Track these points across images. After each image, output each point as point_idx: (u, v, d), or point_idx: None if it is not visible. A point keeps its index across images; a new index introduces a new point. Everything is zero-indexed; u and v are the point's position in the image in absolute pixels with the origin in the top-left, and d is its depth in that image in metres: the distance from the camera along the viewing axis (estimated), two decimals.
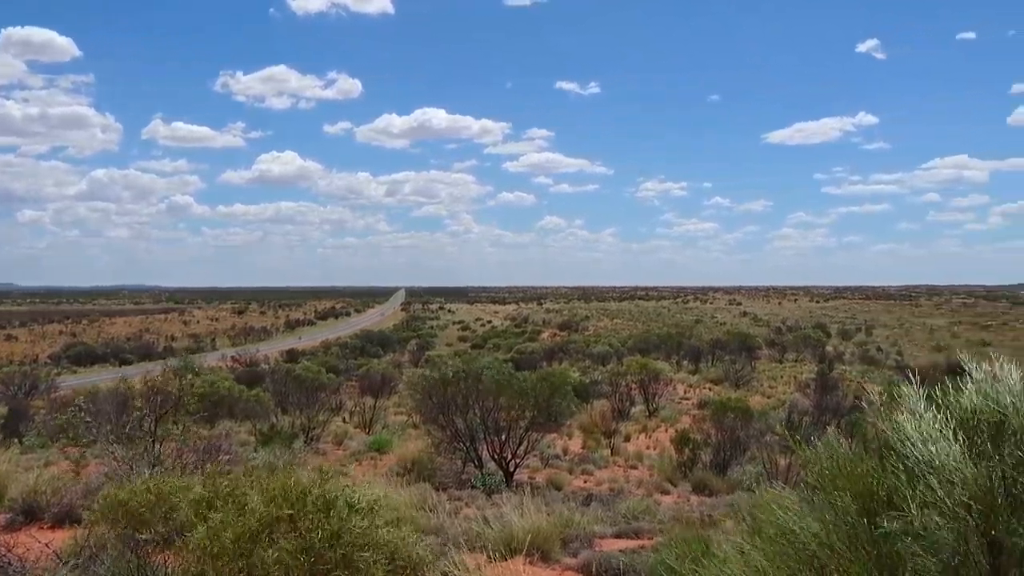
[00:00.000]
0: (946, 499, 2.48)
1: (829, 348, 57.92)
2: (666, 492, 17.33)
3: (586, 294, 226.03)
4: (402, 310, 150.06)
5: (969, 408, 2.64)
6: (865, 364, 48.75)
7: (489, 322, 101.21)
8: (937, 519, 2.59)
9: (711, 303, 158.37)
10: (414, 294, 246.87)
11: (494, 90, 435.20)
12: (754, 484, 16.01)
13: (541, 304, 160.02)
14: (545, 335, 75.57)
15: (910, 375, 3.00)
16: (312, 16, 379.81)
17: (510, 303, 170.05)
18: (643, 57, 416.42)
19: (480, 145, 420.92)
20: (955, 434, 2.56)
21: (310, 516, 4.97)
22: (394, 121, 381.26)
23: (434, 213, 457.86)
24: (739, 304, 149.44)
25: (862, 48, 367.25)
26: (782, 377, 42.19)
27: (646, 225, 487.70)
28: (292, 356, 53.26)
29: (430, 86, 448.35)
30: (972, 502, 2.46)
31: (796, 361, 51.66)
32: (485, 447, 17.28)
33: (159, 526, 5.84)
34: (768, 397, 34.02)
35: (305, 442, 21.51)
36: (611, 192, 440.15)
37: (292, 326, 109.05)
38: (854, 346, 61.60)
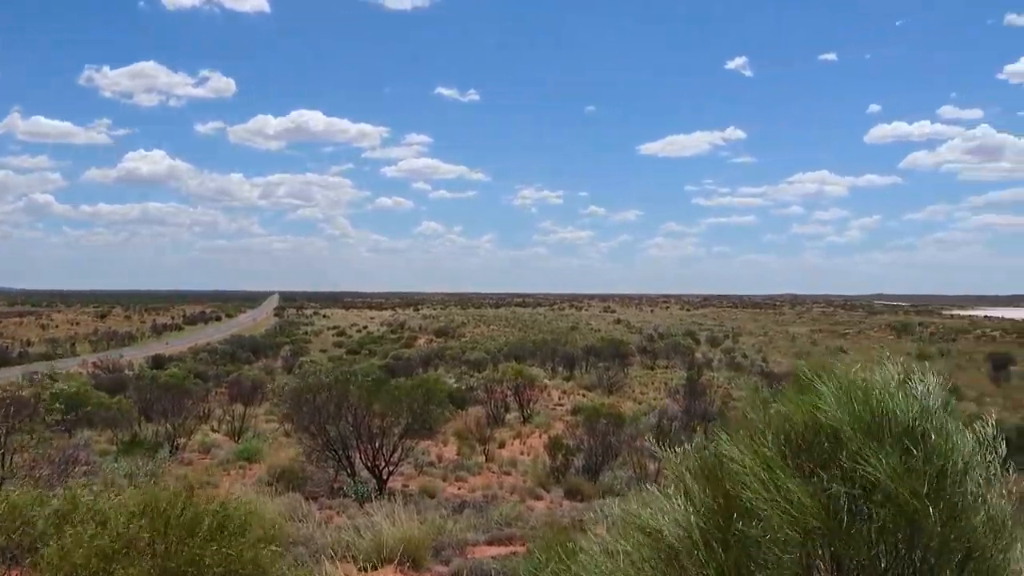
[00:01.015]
0: (786, 512, 2.57)
1: (698, 355, 59.64)
2: (539, 498, 17.48)
3: (463, 300, 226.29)
4: (275, 315, 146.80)
5: (808, 420, 2.75)
6: (732, 370, 50.40)
7: (365, 328, 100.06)
8: (783, 529, 2.69)
9: (586, 310, 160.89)
10: (288, 299, 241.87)
11: (373, 94, 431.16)
12: (625, 488, 16.39)
13: (418, 310, 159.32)
14: (421, 341, 75.28)
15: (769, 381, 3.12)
16: (184, 11, 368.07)
17: (387, 309, 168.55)
18: (522, 66, 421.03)
19: (358, 149, 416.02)
20: (785, 450, 2.67)
21: (173, 536, 4.79)
22: (269, 122, 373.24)
23: (310, 217, 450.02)
24: (613, 311, 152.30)
25: (731, 65, 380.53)
26: (653, 383, 43.18)
27: (524, 232, 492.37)
28: (158, 362, 51.42)
29: (307, 88, 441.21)
30: (811, 518, 2.56)
31: (667, 367, 52.95)
32: (358, 455, 17.04)
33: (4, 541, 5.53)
34: (639, 403, 34.74)
35: (170, 452, 20.79)
36: (489, 199, 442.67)
37: (159, 331, 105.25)
38: (722, 353, 63.59)
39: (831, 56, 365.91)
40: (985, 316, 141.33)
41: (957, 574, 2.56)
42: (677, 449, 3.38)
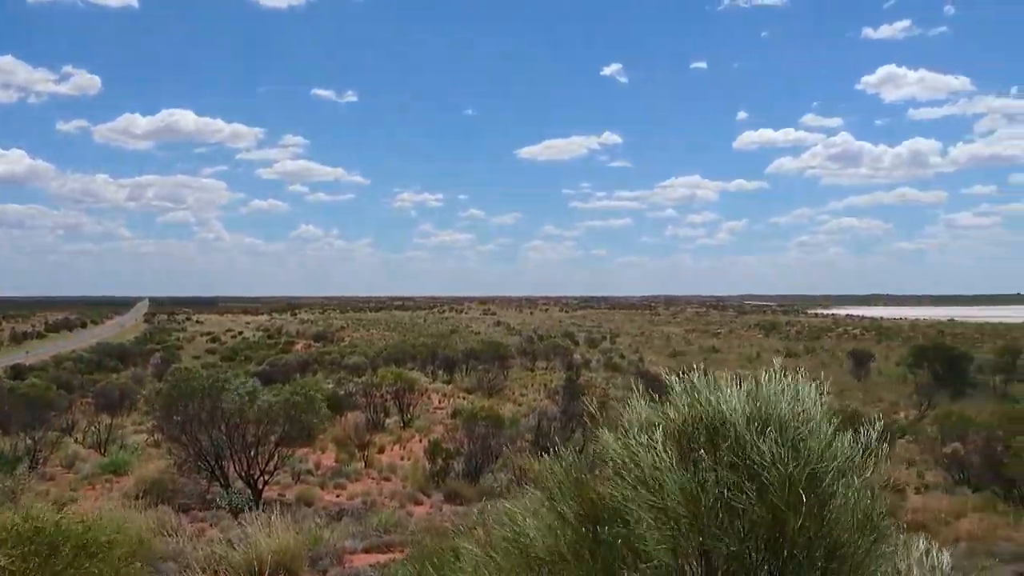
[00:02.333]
0: (657, 508, 2.60)
1: (577, 356, 60.43)
2: (419, 503, 17.38)
3: (342, 304, 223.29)
4: (145, 321, 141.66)
5: (683, 417, 2.79)
6: (609, 371, 51.25)
7: (240, 333, 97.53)
8: (653, 528, 2.71)
9: (466, 313, 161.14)
10: (159, 304, 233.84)
11: (247, 94, 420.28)
12: (504, 491, 16.45)
13: (295, 315, 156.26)
14: (299, 346, 73.86)
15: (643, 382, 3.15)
16: (45, 4, 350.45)
17: (262, 314, 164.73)
18: (401, 68, 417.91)
19: (232, 150, 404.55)
20: (665, 444, 2.70)
21: (32, 561, 4.52)
22: (137, 121, 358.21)
23: (181, 219, 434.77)
24: (493, 314, 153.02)
25: (607, 71, 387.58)
26: (533, 384, 43.54)
27: (403, 235, 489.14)
28: (18, 372, 48.81)
29: (177, 86, 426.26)
30: (682, 511, 2.59)
31: (546, 369, 53.49)
32: (232, 465, 16.56)
33: None
34: (519, 404, 34.95)
35: (30, 466, 19.74)
36: (368, 202, 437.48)
37: (19, 339, 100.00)
38: (599, 353, 64.63)
39: (702, 65, 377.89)
40: (846, 315, 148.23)
41: (823, 567, 2.63)
42: (546, 455, 3.38)
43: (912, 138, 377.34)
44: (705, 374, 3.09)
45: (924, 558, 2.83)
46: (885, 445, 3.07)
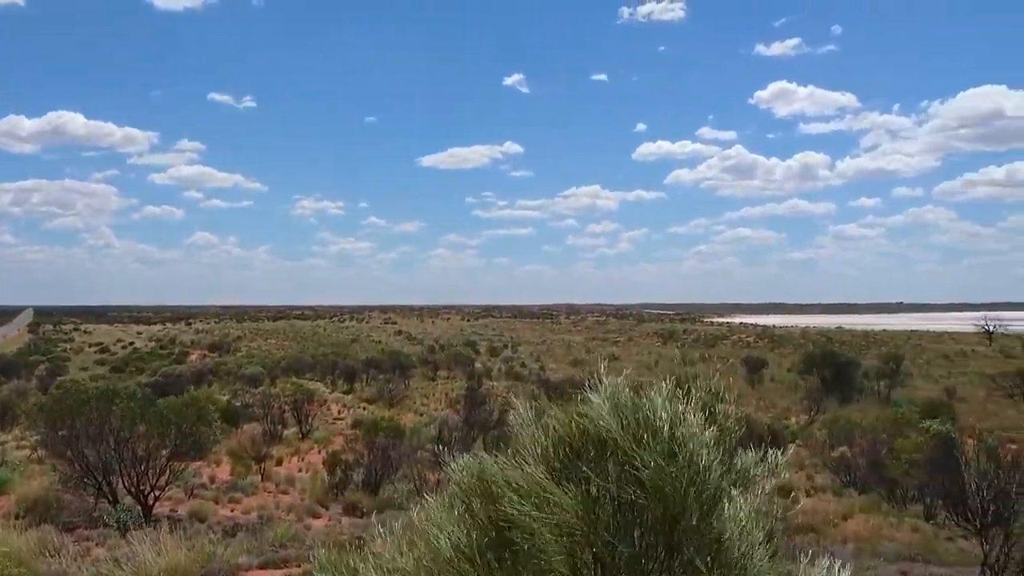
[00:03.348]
0: (550, 523, 2.60)
1: (478, 365, 60.46)
2: (317, 515, 17.11)
3: (239, 313, 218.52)
4: (29, 331, 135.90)
5: (569, 428, 2.81)
6: (511, 379, 51.42)
7: (131, 344, 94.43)
8: (548, 536, 2.71)
9: (367, 322, 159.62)
10: (44, 314, 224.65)
11: (140, 97, 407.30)
12: (405, 502, 16.33)
13: (190, 324, 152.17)
14: (194, 357, 71.95)
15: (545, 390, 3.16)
16: None
17: (156, 323, 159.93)
18: (301, 74, 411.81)
19: (124, 155, 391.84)
20: (555, 454, 2.72)
21: None
22: (22, 123, 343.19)
23: (69, 226, 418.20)
24: (394, 323, 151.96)
25: (509, 81, 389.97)
26: (435, 394, 43.36)
27: (302, 243, 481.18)
28: None
29: (66, 88, 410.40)
30: (575, 520, 2.61)
31: (448, 378, 53.35)
32: (121, 480, 15.99)
33: None
34: (421, 414, 34.79)
35: None
36: (266, 209, 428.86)
37: None
38: (501, 362, 64.80)
39: (602, 77, 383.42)
40: (741, 323, 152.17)
41: (707, 572, 2.67)
42: (451, 464, 3.37)
43: (802, 152, 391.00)
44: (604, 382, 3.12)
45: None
46: (774, 450, 3.14)
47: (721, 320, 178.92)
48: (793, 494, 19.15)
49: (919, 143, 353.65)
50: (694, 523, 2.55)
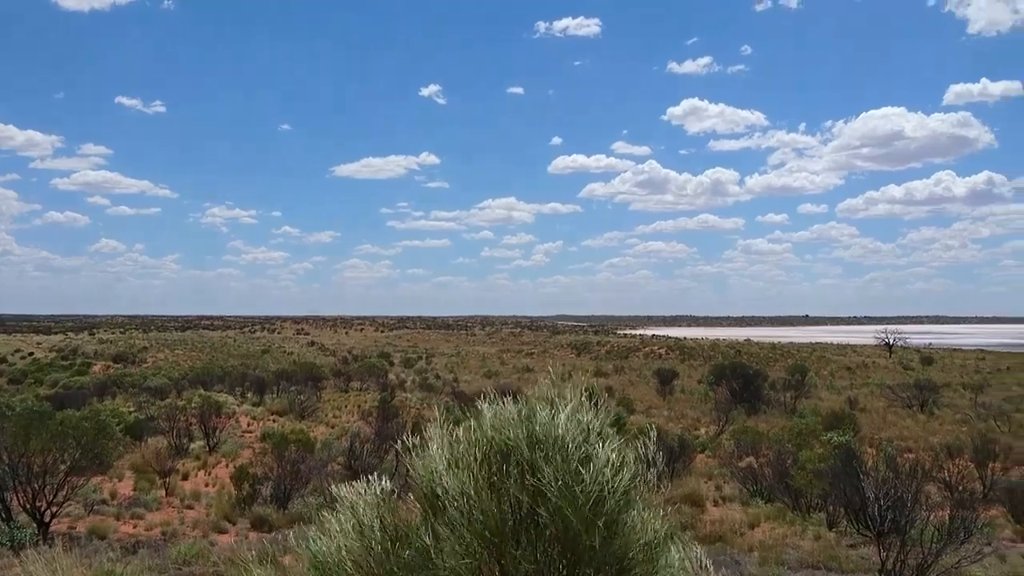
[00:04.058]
0: (461, 530, 2.58)
1: (392, 376, 60.02)
2: (223, 531, 16.72)
3: (145, 323, 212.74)
4: None
5: (479, 439, 2.79)
6: (425, 391, 51.17)
7: (31, 354, 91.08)
8: (456, 549, 2.69)
9: (279, 333, 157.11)
10: None
11: (43, 99, 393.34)
12: (315, 516, 16.06)
13: (93, 334, 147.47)
14: (97, 368, 69.75)
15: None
16: None
17: (57, 333, 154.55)
18: (212, 79, 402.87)
19: (25, 158, 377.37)
20: (466, 470, 2.70)
21: None
22: None
23: None
24: (307, 334, 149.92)
25: (425, 92, 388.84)
26: (347, 406, 42.86)
27: (213, 252, 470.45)
28: None
29: None
30: (486, 532, 2.59)
31: (361, 390, 52.82)
32: (15, 497, 15.36)
33: None
34: (333, 427, 34.35)
35: None
36: (175, 216, 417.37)
37: None
38: (415, 374, 64.48)
39: (519, 90, 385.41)
40: (653, 335, 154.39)
41: None
42: (354, 481, 3.33)
43: (713, 168, 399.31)
44: (515, 397, 3.11)
45: None
46: (682, 460, 3.17)
47: (634, 332, 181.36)
48: (702, 503, 19.49)
49: (823, 161, 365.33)
50: (596, 539, 2.55)
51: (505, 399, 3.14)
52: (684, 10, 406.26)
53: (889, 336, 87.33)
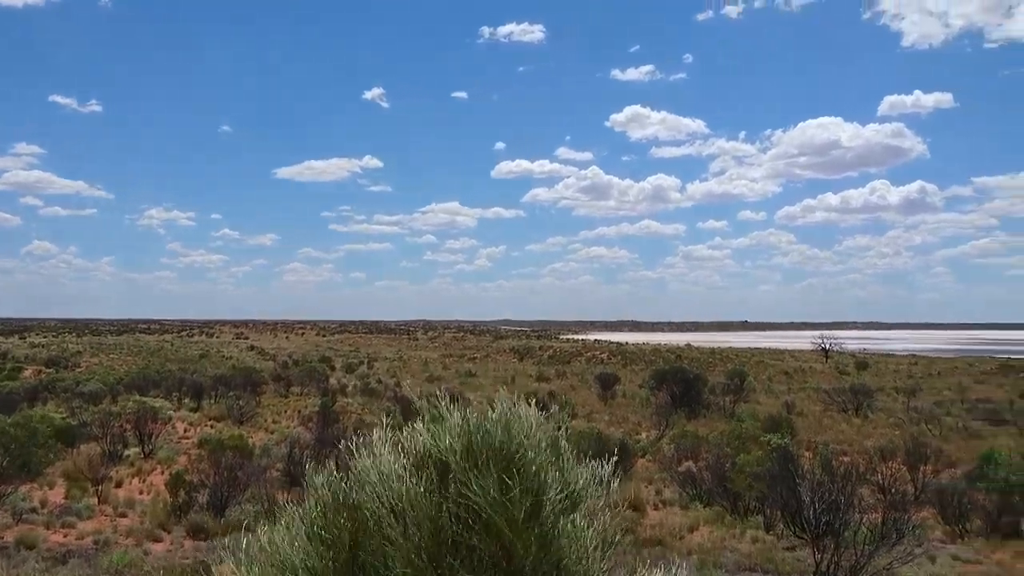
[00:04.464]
0: (400, 539, 2.54)
1: (333, 381, 59.45)
2: (158, 539, 16.39)
3: (79, 327, 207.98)
4: None
5: (420, 448, 2.76)
6: (366, 396, 50.76)
7: None
8: (395, 558, 2.66)
9: (218, 337, 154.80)
10: None
11: None
12: (253, 523, 15.83)
13: (25, 338, 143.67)
14: (28, 373, 67.94)
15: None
16: None
17: None
18: (151, 79, 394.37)
19: None
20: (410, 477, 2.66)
21: None
22: None
23: None
24: (246, 338, 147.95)
25: (368, 95, 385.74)
26: (287, 411, 42.35)
27: (149, 255, 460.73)
28: None
29: None
30: (423, 542, 2.56)
31: (301, 395, 52.21)
32: None
33: None
34: (272, 432, 33.91)
35: None
36: (111, 218, 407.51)
37: None
38: (357, 379, 63.92)
39: (462, 95, 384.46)
40: (595, 340, 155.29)
41: None
42: (305, 484, 3.28)
43: (655, 174, 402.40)
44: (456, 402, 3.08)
45: None
46: (620, 468, 3.17)
47: (576, 337, 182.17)
48: (642, 507, 19.63)
49: (763, 169, 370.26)
50: (532, 548, 2.53)
51: (447, 404, 3.10)
52: (627, 18, 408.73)
53: (825, 341, 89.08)
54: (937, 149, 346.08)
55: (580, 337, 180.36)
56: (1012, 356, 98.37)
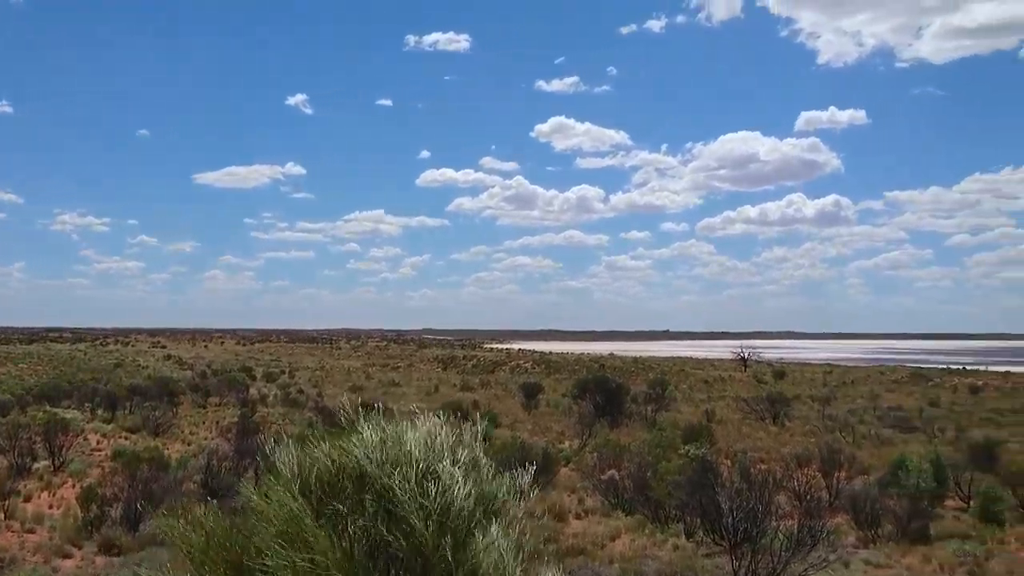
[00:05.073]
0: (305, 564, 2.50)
1: (253, 391, 58.43)
2: (68, 556, 15.88)
3: None
4: None
5: (328, 463, 2.72)
6: (287, 406, 50.01)
7: None
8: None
9: (133, 346, 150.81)
10: None
11: None
12: (167, 538, 15.43)
13: None
14: None
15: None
16: None
17: None
18: (65, 79, 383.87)
19: None
20: (307, 493, 2.62)
21: None
22: None
23: None
24: (163, 347, 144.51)
25: (292, 101, 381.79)
26: (205, 422, 41.49)
27: (62, 261, 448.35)
28: None
29: None
30: (329, 565, 2.52)
31: (220, 405, 51.20)
32: None
33: None
34: (189, 444, 33.18)
35: None
36: (21, 223, 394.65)
37: None
38: (278, 388, 62.95)
39: (387, 102, 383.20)
40: (519, 349, 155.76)
41: None
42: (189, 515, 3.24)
43: (579, 185, 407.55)
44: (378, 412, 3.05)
45: None
46: (543, 477, 3.17)
47: (500, 346, 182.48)
48: (564, 516, 19.72)
49: (684, 181, 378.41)
50: (447, 559, 2.51)
51: (368, 414, 3.07)
52: (552, 30, 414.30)
53: (744, 351, 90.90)
54: (851, 164, 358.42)
55: (504, 346, 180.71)
56: (922, 365, 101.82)
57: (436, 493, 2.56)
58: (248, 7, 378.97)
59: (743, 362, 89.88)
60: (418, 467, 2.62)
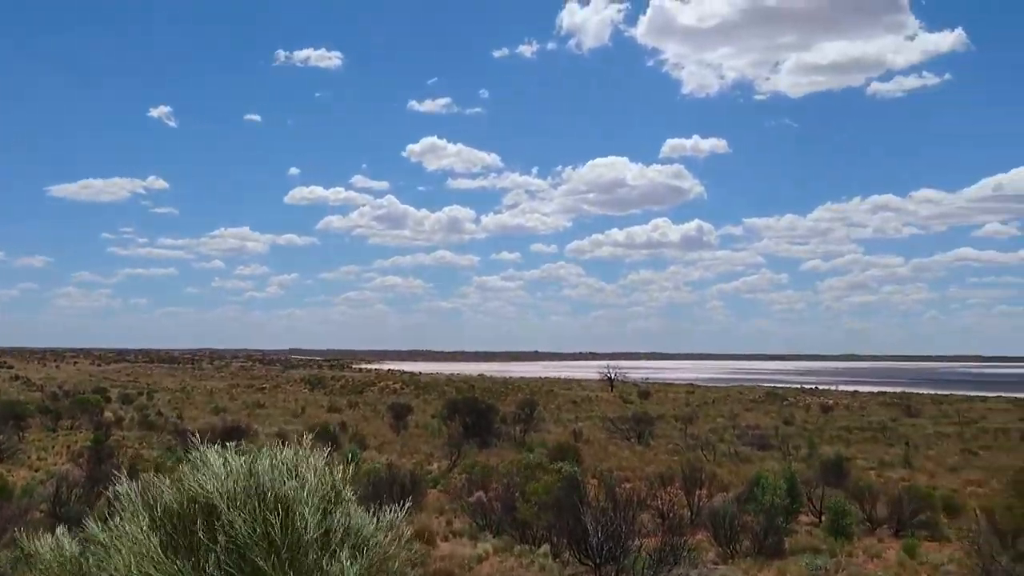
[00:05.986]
0: None
1: (108, 413, 55.89)
2: None
3: None
4: None
5: (176, 495, 2.60)
6: (145, 429, 48.08)
7: None
8: None
9: None
10: None
11: None
12: (11, 571, 14.51)
13: None
14: None
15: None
16: None
17: None
18: None
19: None
20: (152, 532, 2.50)
21: None
22: None
23: None
24: (10, 367, 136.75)
25: (155, 113, 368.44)
26: (55, 447, 39.40)
27: None
28: None
29: None
30: None
31: (71, 429, 48.76)
32: None
33: None
34: (37, 470, 31.42)
35: None
36: None
37: None
38: (135, 411, 60.39)
39: (256, 117, 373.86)
40: (388, 369, 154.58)
41: None
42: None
43: (451, 205, 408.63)
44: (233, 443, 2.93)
45: None
46: (410, 499, 3.11)
47: (370, 367, 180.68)
48: (432, 539, 19.56)
49: (554, 204, 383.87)
50: None
51: (229, 439, 2.95)
52: (425, 50, 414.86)
53: (611, 371, 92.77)
54: (713, 191, 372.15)
55: (374, 367, 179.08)
56: (777, 385, 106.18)
57: (284, 526, 2.47)
58: (108, 9, 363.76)
59: (610, 382, 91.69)
60: (267, 498, 2.53)
